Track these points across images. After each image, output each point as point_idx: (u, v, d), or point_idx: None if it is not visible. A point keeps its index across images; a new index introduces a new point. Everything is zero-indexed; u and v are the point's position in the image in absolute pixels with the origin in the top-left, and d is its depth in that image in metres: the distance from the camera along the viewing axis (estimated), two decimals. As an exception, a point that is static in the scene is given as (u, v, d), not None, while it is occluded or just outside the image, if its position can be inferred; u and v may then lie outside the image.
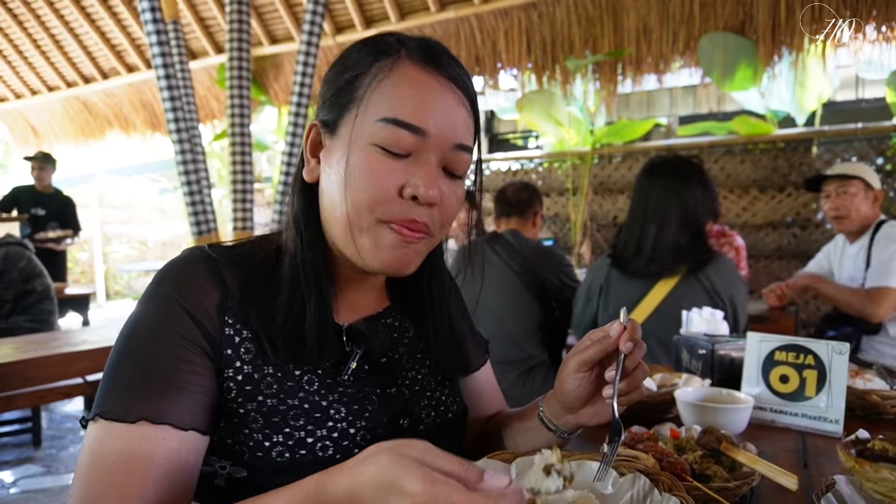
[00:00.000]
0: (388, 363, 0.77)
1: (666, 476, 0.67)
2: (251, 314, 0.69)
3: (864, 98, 6.21)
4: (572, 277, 2.41)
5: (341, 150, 0.68)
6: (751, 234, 4.14)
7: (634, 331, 0.71)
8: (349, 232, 0.68)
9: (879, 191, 2.35)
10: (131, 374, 0.63)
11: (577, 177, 4.56)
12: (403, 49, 0.69)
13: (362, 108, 0.67)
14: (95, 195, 10.82)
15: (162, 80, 3.68)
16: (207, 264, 0.70)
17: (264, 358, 0.69)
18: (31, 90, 5.98)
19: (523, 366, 2.28)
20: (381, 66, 0.68)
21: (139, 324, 0.66)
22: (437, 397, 0.81)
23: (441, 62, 0.69)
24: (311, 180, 0.72)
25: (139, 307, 0.68)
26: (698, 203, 1.84)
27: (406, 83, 0.67)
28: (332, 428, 0.69)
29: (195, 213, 3.88)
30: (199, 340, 0.66)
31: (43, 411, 3.84)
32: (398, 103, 0.66)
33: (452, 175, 0.70)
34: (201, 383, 0.65)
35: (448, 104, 0.68)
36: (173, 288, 0.67)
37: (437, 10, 3.97)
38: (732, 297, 1.83)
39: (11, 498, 2.82)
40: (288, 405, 0.68)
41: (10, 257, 3.40)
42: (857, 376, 1.30)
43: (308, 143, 0.73)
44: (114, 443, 0.60)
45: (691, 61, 3.51)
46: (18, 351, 2.38)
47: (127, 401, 0.61)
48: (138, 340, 0.65)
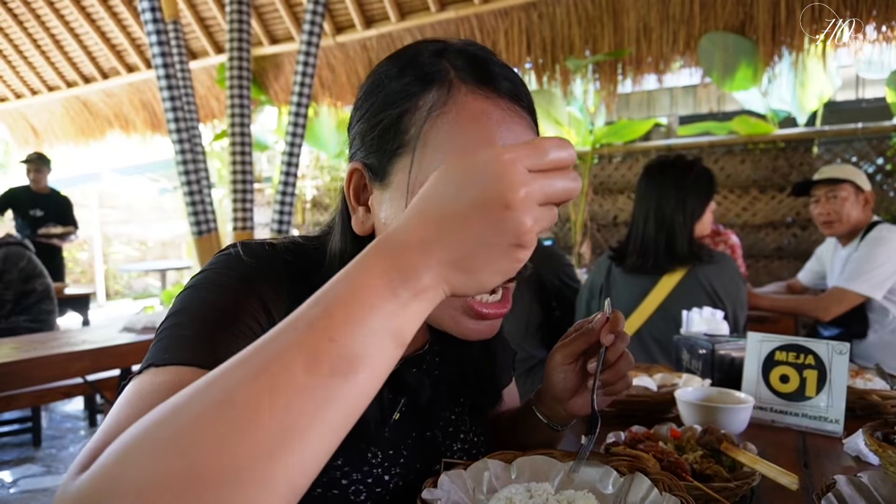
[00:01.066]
0: (427, 406, 0.73)
1: (666, 476, 0.67)
2: None
3: (865, 98, 6.21)
4: (573, 277, 2.41)
5: (399, 202, 0.60)
6: (751, 234, 4.14)
7: (617, 322, 0.70)
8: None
9: (870, 192, 2.33)
10: (188, 330, 0.55)
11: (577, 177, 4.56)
12: (453, 71, 0.60)
13: (419, 153, 0.59)
14: (95, 195, 10.83)
15: (162, 80, 3.68)
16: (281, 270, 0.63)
17: None
18: (32, 90, 5.98)
19: (524, 366, 2.28)
20: (432, 99, 0.59)
21: (208, 286, 0.58)
22: (470, 439, 0.78)
23: (497, 80, 0.60)
24: (363, 232, 0.64)
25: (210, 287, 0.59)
26: (697, 203, 1.87)
27: (467, 119, 0.58)
28: (367, 473, 0.66)
29: (195, 213, 3.88)
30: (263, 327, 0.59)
31: (43, 411, 3.84)
32: (463, 144, 0.57)
33: None
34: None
35: (517, 133, 0.59)
36: (252, 289, 0.59)
37: (437, 10, 3.97)
38: (732, 297, 1.84)
39: (11, 498, 2.82)
40: None
41: (11, 257, 3.40)
42: (858, 376, 1.30)
43: (351, 190, 0.65)
44: (158, 377, 0.51)
45: (691, 61, 3.50)
46: (18, 351, 2.38)
47: (182, 350, 0.53)
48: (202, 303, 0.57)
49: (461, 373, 0.77)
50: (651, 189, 1.90)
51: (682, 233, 1.84)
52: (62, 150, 6.42)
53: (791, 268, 3.85)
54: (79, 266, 11.01)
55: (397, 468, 0.68)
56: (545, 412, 0.81)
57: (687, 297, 1.80)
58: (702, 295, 1.82)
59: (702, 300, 1.80)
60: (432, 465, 0.71)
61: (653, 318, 1.86)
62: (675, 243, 1.84)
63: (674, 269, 1.84)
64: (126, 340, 2.54)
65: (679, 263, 1.84)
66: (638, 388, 1.24)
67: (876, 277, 2.17)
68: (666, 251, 1.85)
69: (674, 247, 1.84)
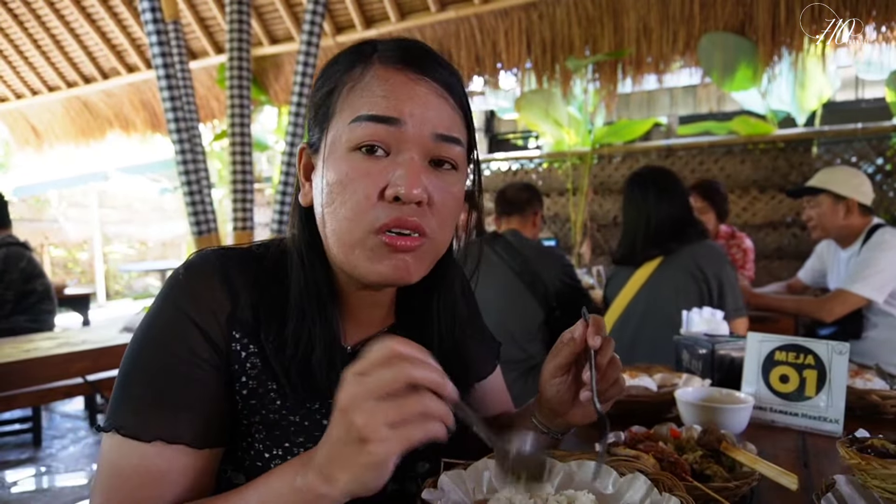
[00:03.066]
0: None
1: (666, 476, 0.67)
2: (261, 333, 0.68)
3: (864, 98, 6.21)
4: (573, 277, 2.41)
5: (321, 166, 0.67)
6: (751, 234, 4.14)
7: (599, 326, 0.72)
8: (342, 248, 0.66)
9: (852, 200, 2.33)
10: (145, 391, 0.63)
11: (577, 177, 4.56)
12: (376, 54, 0.67)
13: (335, 119, 0.66)
14: (95, 195, 10.83)
15: (162, 80, 3.68)
16: (220, 272, 0.68)
17: (268, 373, 0.68)
18: (32, 90, 5.98)
19: (524, 366, 2.28)
20: (352, 75, 0.66)
21: (150, 337, 0.66)
22: None
23: (417, 61, 0.66)
24: (306, 204, 0.71)
25: (151, 316, 0.67)
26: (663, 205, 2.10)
27: (377, 82, 0.64)
28: None
29: (195, 213, 3.88)
30: (210, 357, 0.66)
31: (43, 411, 3.84)
32: (369, 101, 0.63)
33: (441, 169, 0.66)
34: (214, 399, 0.66)
35: (424, 94, 0.64)
36: (185, 299, 0.66)
37: (437, 10, 3.97)
38: (717, 272, 1.99)
39: (11, 498, 2.82)
40: (289, 421, 0.69)
41: (11, 258, 3.40)
42: (857, 376, 1.30)
43: (301, 169, 0.72)
44: (131, 457, 0.62)
45: (691, 61, 3.50)
46: (18, 351, 2.38)
47: (142, 418, 0.62)
48: (150, 355, 0.65)
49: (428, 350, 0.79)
50: (631, 194, 2.16)
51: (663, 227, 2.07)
52: (62, 150, 6.42)
53: (791, 268, 3.85)
54: (79, 266, 11.01)
55: None
56: (543, 422, 0.82)
57: (669, 276, 2.03)
58: (683, 272, 2.01)
59: (683, 277, 2.00)
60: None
61: (639, 296, 2.08)
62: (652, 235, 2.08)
63: (652, 254, 2.08)
64: (126, 340, 2.53)
65: (655, 250, 2.07)
66: (638, 388, 1.24)
67: (878, 281, 2.19)
68: (645, 242, 2.09)
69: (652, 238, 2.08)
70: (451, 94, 0.67)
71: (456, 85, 0.68)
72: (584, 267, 3.78)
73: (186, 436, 0.63)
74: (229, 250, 0.72)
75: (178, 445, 0.62)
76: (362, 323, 0.77)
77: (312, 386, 0.68)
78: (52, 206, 10.97)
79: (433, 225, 0.65)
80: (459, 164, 0.68)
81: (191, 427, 0.63)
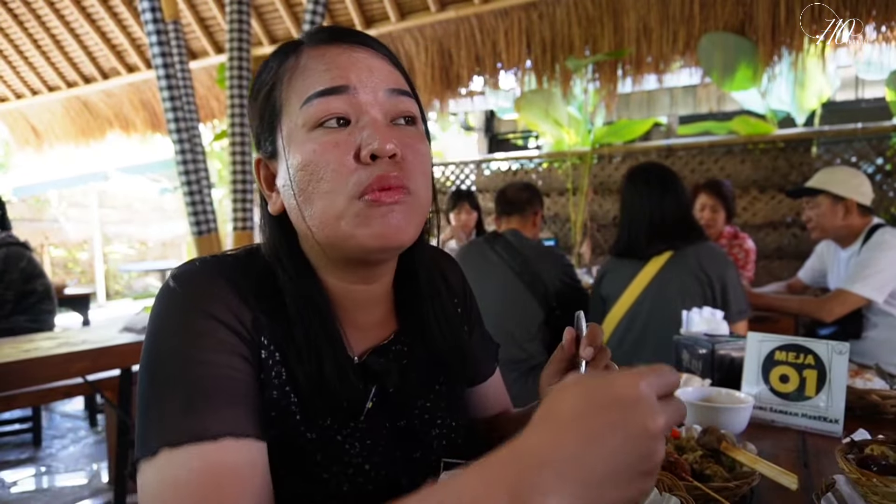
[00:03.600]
0: (399, 394, 0.73)
1: (666, 476, 0.67)
2: (283, 341, 0.65)
3: (864, 98, 6.21)
4: (573, 277, 2.41)
5: (283, 164, 0.64)
6: (751, 233, 4.13)
7: (594, 336, 0.68)
8: (328, 224, 0.62)
9: (851, 200, 2.33)
10: (189, 397, 0.56)
11: (577, 177, 4.56)
12: (303, 40, 0.67)
13: (285, 112, 0.65)
14: (95, 195, 10.83)
15: (162, 80, 3.68)
16: (225, 277, 0.64)
17: (291, 385, 0.65)
18: (32, 90, 5.98)
19: (524, 366, 2.28)
20: (287, 66, 0.65)
21: (170, 349, 0.59)
22: (448, 424, 0.77)
23: (345, 34, 0.66)
24: (276, 212, 0.68)
25: (158, 334, 0.60)
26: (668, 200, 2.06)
27: (314, 62, 0.64)
28: (346, 464, 0.67)
29: (195, 213, 3.88)
30: (247, 355, 0.62)
31: (43, 411, 3.84)
32: (313, 80, 0.63)
33: (403, 126, 0.65)
34: (258, 395, 0.62)
35: (361, 57, 0.64)
36: (197, 302, 0.61)
37: (437, 10, 3.97)
38: (721, 275, 1.97)
39: (11, 498, 2.82)
40: (306, 438, 0.66)
41: (11, 258, 3.40)
42: (857, 376, 1.30)
43: (262, 182, 0.70)
44: (193, 464, 0.54)
45: (691, 61, 3.50)
46: (18, 351, 2.38)
47: (197, 420, 0.55)
48: (178, 365, 0.58)
49: (430, 359, 0.76)
50: (632, 190, 2.13)
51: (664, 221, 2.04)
52: (62, 150, 6.42)
53: (791, 268, 3.85)
54: (79, 266, 11.01)
55: (376, 457, 0.69)
56: None
57: (675, 276, 1.98)
58: (688, 273, 1.97)
59: (688, 278, 1.96)
60: (412, 453, 0.73)
61: (643, 296, 2.02)
62: (656, 230, 2.04)
63: (659, 250, 2.02)
64: (126, 340, 2.53)
65: (662, 245, 2.02)
66: (638, 388, 1.24)
67: (878, 281, 2.19)
68: (649, 236, 2.05)
69: (656, 232, 2.04)
70: (386, 56, 0.67)
71: (385, 48, 0.69)
72: (584, 267, 3.78)
73: (250, 428, 0.58)
74: (223, 257, 0.68)
75: (246, 439, 0.57)
76: (363, 328, 0.74)
77: (328, 401, 0.65)
78: (52, 206, 10.97)
79: (413, 179, 0.63)
80: (417, 117, 0.67)
81: (250, 418, 0.59)
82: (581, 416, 0.41)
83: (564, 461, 0.40)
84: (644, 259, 2.05)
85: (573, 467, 0.40)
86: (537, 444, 0.41)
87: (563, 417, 0.42)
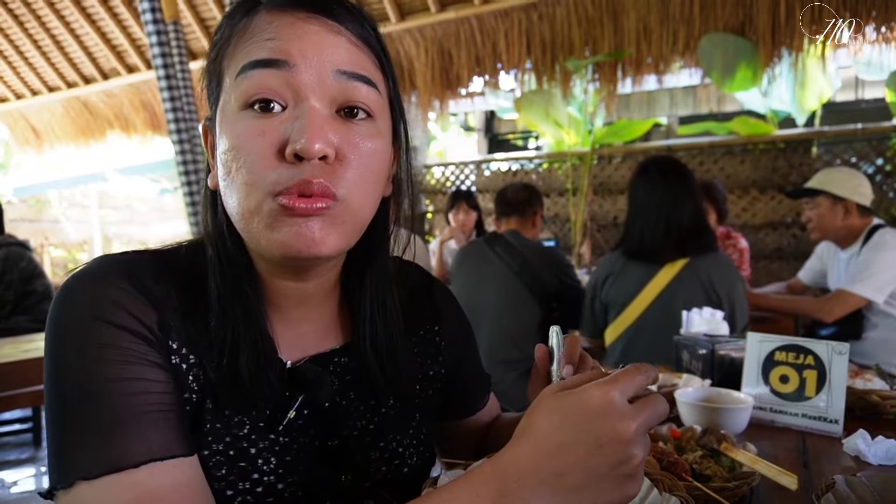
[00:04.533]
0: (333, 410, 0.65)
1: (666, 476, 0.67)
2: (197, 340, 0.58)
3: (864, 98, 6.21)
4: (573, 278, 2.41)
5: (218, 135, 0.57)
6: (751, 234, 4.14)
7: (573, 352, 0.64)
8: (242, 219, 0.55)
9: (850, 201, 2.32)
10: (101, 420, 0.50)
11: (577, 177, 4.56)
12: (261, 2, 0.57)
13: (225, 79, 0.57)
14: (95, 195, 10.83)
15: (162, 80, 3.68)
16: (129, 276, 0.56)
17: (208, 391, 0.58)
18: (32, 90, 5.98)
19: (523, 366, 2.29)
20: (237, 28, 0.57)
21: (73, 366, 0.51)
22: (393, 448, 0.69)
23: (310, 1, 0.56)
24: (213, 186, 0.61)
25: (58, 347, 0.53)
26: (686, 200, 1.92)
27: (260, 27, 0.55)
28: (256, 481, 0.59)
29: (195, 213, 3.87)
30: (158, 361, 0.55)
31: (43, 411, 3.83)
32: (251, 49, 0.54)
33: (353, 120, 0.56)
34: (179, 403, 0.56)
35: (315, 31, 0.54)
36: (96, 308, 0.53)
37: (437, 10, 3.97)
38: (729, 293, 1.88)
39: (11, 498, 2.82)
40: (212, 450, 0.57)
41: (11, 258, 3.40)
42: (857, 376, 1.30)
43: (208, 148, 0.63)
44: (114, 498, 0.48)
45: (691, 62, 3.50)
46: (18, 351, 2.38)
47: (116, 447, 0.49)
48: (84, 382, 0.51)
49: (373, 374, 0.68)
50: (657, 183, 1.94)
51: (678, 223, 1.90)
52: (62, 151, 6.42)
53: (791, 268, 3.85)
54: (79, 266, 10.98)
55: (294, 475, 0.61)
56: None
57: (684, 288, 1.87)
58: (698, 287, 1.87)
59: (698, 292, 1.86)
60: (340, 475, 0.65)
61: (652, 308, 1.91)
62: (674, 231, 1.89)
63: (674, 255, 1.89)
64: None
65: (678, 250, 1.89)
66: (638, 388, 1.23)
67: (878, 281, 2.19)
68: (671, 241, 1.90)
69: (674, 234, 1.89)
70: (354, 33, 0.57)
71: (359, 22, 0.58)
72: (584, 267, 3.78)
73: (175, 446, 0.52)
74: (133, 254, 0.60)
75: (171, 460, 0.51)
76: (301, 331, 0.66)
77: (240, 401, 0.58)
78: (52, 207, 10.98)
79: (346, 185, 0.54)
80: (375, 110, 0.57)
81: (173, 434, 0.53)
82: (556, 428, 0.45)
83: (543, 471, 0.44)
84: (658, 264, 1.91)
85: (551, 477, 0.44)
86: (517, 457, 0.45)
87: (540, 431, 0.45)
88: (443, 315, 0.81)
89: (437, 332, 0.79)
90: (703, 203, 2.04)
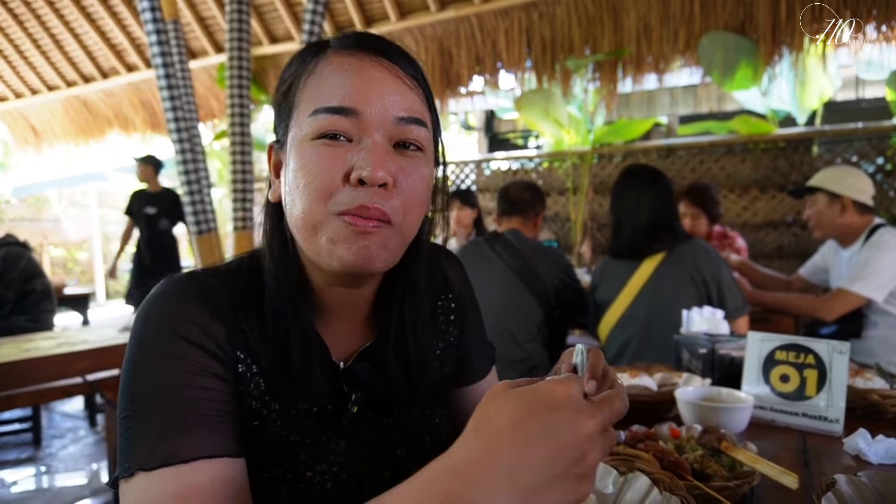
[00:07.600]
0: (383, 396, 0.74)
1: (666, 475, 0.67)
2: (260, 350, 0.67)
3: (865, 98, 6.21)
4: (573, 277, 2.41)
5: (287, 159, 0.66)
6: (751, 233, 4.14)
7: (596, 368, 0.57)
8: (306, 233, 0.64)
9: (846, 198, 2.33)
10: (164, 420, 0.58)
11: (577, 176, 4.56)
12: (329, 44, 0.67)
13: (296, 113, 0.66)
14: (95, 195, 10.83)
15: (162, 79, 3.69)
16: (199, 296, 0.65)
17: (272, 394, 0.67)
18: (32, 90, 5.98)
19: (524, 365, 2.28)
20: (308, 67, 0.66)
21: (148, 370, 0.60)
22: (434, 422, 0.79)
23: (371, 44, 0.66)
24: (274, 199, 0.70)
25: (137, 354, 0.62)
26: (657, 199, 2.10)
27: (330, 72, 0.64)
28: (331, 462, 0.68)
29: (195, 213, 3.88)
30: (222, 374, 0.63)
31: (43, 410, 3.84)
32: (325, 93, 0.63)
33: (407, 152, 0.65)
34: (235, 412, 0.64)
35: (379, 79, 0.64)
36: (175, 325, 0.62)
37: (437, 9, 3.96)
38: (714, 274, 2.00)
39: (11, 497, 2.82)
40: (290, 441, 0.67)
41: (11, 257, 3.40)
42: (858, 376, 1.30)
43: (272, 167, 0.72)
44: (167, 487, 0.55)
45: (692, 61, 3.50)
46: (18, 351, 2.38)
47: (173, 442, 0.57)
48: (156, 386, 0.60)
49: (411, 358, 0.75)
50: (622, 191, 2.18)
51: (652, 221, 2.07)
52: (62, 150, 6.42)
53: (791, 267, 3.84)
54: (78, 266, 11.01)
55: (361, 454, 0.70)
56: None
57: (670, 273, 2.01)
58: (682, 272, 2.01)
59: (683, 276, 1.99)
60: (396, 449, 0.74)
61: (640, 297, 2.05)
62: (648, 229, 2.07)
63: (653, 249, 2.06)
64: (126, 340, 2.54)
65: (654, 244, 2.06)
66: (638, 387, 1.24)
67: (878, 280, 2.19)
68: (641, 235, 2.07)
69: (647, 231, 2.07)
70: (409, 75, 0.66)
71: (414, 67, 0.68)
72: (585, 267, 3.77)
73: (224, 447, 0.59)
74: (204, 275, 0.69)
75: (220, 459, 0.58)
76: (349, 334, 0.75)
77: (295, 391, 0.67)
78: (52, 206, 10.98)
79: (399, 210, 0.63)
80: (425, 145, 0.67)
81: (224, 437, 0.60)
82: (512, 424, 0.44)
83: (497, 468, 0.42)
84: (638, 259, 2.08)
85: (506, 474, 0.42)
86: (470, 453, 0.44)
87: (494, 426, 0.44)
88: (452, 281, 0.89)
89: (450, 298, 0.87)
90: (671, 199, 2.16)
